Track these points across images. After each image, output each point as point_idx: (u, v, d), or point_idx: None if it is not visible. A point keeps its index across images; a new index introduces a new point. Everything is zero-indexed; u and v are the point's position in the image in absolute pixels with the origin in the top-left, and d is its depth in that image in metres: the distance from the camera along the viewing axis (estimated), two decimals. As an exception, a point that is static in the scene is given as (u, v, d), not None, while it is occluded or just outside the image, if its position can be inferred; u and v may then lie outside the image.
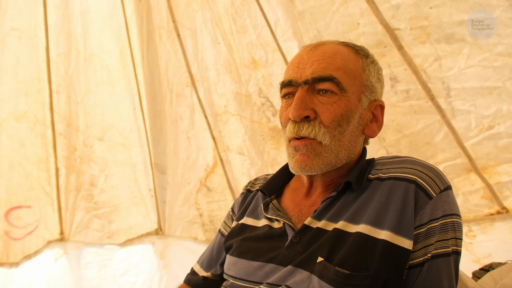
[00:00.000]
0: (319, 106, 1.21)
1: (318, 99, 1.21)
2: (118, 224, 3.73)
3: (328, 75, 1.20)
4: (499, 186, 2.74)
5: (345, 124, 1.21)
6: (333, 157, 1.22)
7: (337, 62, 1.22)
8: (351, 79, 1.23)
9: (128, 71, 3.53)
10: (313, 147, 1.20)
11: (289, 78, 1.26)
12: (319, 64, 1.22)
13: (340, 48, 1.27)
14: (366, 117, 1.28)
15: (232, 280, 1.29)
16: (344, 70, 1.22)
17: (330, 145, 1.20)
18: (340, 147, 1.22)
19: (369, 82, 1.27)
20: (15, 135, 3.50)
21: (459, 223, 1.14)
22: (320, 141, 1.20)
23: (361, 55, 1.29)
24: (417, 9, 2.58)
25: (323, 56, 1.24)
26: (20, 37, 3.36)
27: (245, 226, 1.39)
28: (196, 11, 3.30)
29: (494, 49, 2.47)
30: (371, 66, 1.29)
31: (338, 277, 1.06)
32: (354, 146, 1.26)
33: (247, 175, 3.46)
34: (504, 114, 2.58)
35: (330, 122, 1.20)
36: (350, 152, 1.26)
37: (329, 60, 1.22)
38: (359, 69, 1.26)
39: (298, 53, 1.31)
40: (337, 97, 1.20)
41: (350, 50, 1.28)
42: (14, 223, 3.54)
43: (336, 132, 1.20)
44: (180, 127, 3.57)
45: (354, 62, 1.25)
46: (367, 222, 1.13)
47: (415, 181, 1.15)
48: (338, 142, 1.21)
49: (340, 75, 1.21)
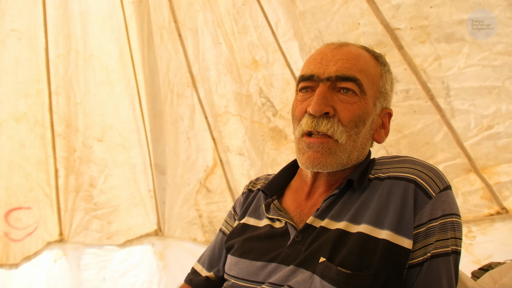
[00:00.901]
0: (339, 104, 1.22)
1: (338, 97, 1.22)
2: (117, 225, 3.73)
3: (352, 76, 1.22)
4: (499, 186, 2.74)
5: (361, 125, 1.23)
6: (345, 157, 1.23)
7: (360, 64, 1.24)
8: (370, 83, 1.25)
9: (127, 72, 3.53)
10: (329, 146, 1.21)
11: (310, 72, 1.26)
12: (343, 63, 1.23)
13: (362, 52, 1.29)
14: (377, 123, 1.31)
15: (234, 280, 1.29)
16: (366, 73, 1.24)
17: (345, 144, 1.21)
18: (354, 148, 1.24)
19: (384, 89, 1.30)
20: (15, 136, 3.50)
21: (458, 222, 1.14)
22: (337, 139, 1.20)
23: (380, 62, 1.32)
24: (417, 9, 2.59)
25: (347, 56, 1.25)
26: (20, 38, 3.36)
27: (246, 226, 1.39)
28: (197, 11, 3.30)
29: (493, 48, 2.48)
30: (387, 74, 1.32)
31: (340, 277, 1.06)
32: (364, 148, 1.29)
33: (247, 176, 3.45)
34: (503, 114, 2.58)
35: (348, 122, 1.21)
36: (360, 154, 1.28)
37: (353, 61, 1.24)
38: (378, 75, 1.28)
39: (321, 49, 1.32)
40: (357, 98, 1.22)
41: (371, 56, 1.31)
42: (13, 224, 3.54)
43: (352, 132, 1.22)
44: (180, 127, 3.57)
45: (374, 68, 1.28)
46: (368, 222, 1.13)
47: (415, 180, 1.15)
48: (353, 142, 1.23)
49: (362, 78, 1.23)
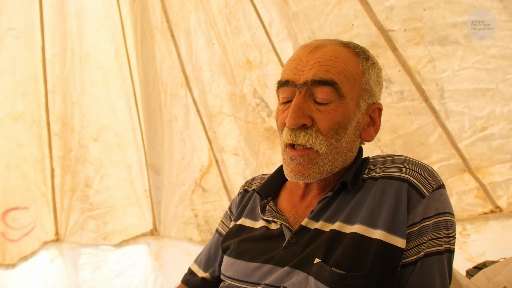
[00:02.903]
0: (317, 113, 1.18)
1: (315, 106, 1.19)
2: (113, 225, 3.72)
3: (330, 79, 1.17)
4: (493, 186, 2.75)
5: (342, 131, 1.19)
6: (329, 165, 1.21)
7: (338, 66, 1.19)
8: (351, 84, 1.20)
9: (123, 71, 3.52)
10: (310, 157, 1.19)
11: (286, 78, 1.23)
12: (320, 67, 1.18)
13: (341, 50, 1.22)
14: (363, 121, 1.26)
15: (230, 281, 1.29)
16: (345, 74, 1.19)
17: (327, 153, 1.19)
18: (337, 155, 1.21)
19: (368, 86, 1.23)
20: (12, 136, 3.49)
21: (452, 221, 1.15)
22: (317, 150, 1.18)
23: (361, 57, 1.24)
24: (411, 11, 2.59)
25: (324, 58, 1.19)
26: (17, 37, 3.35)
27: (242, 227, 1.40)
28: (190, 11, 3.29)
29: (487, 51, 2.48)
30: (371, 69, 1.25)
31: (334, 278, 1.06)
32: (351, 151, 1.25)
33: (242, 176, 3.46)
34: (497, 116, 2.60)
35: (327, 130, 1.18)
36: (346, 157, 1.25)
37: (330, 63, 1.19)
38: (359, 73, 1.22)
39: (296, 54, 1.27)
40: (334, 104, 1.18)
41: (350, 52, 1.24)
42: (10, 224, 3.52)
43: (333, 140, 1.19)
44: (175, 127, 3.56)
45: (355, 66, 1.22)
46: (362, 222, 1.13)
47: (408, 180, 1.15)
48: (335, 150, 1.20)
49: (341, 80, 1.18)
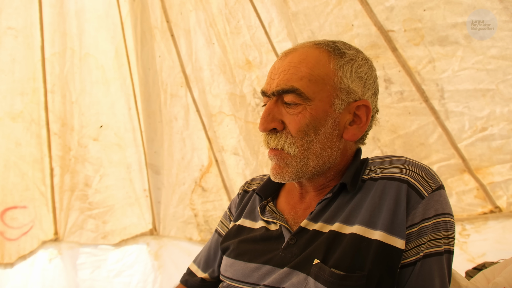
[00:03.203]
0: (287, 117, 1.21)
1: (286, 110, 1.22)
2: (112, 225, 3.72)
3: (290, 87, 1.19)
4: (492, 186, 2.75)
5: (312, 133, 1.20)
6: (302, 166, 1.22)
7: (301, 71, 1.20)
8: (318, 86, 1.20)
9: (123, 71, 3.53)
10: (282, 157, 1.23)
11: (263, 88, 1.28)
12: (284, 76, 1.22)
13: (308, 53, 1.23)
14: (343, 121, 1.23)
15: (229, 281, 1.29)
16: (309, 78, 1.19)
17: (298, 154, 1.21)
18: (310, 155, 1.21)
19: (343, 84, 1.21)
20: (11, 135, 3.48)
21: (451, 222, 1.15)
22: (288, 152, 1.21)
23: (334, 56, 1.23)
24: (411, 11, 2.59)
25: (289, 65, 1.22)
26: (16, 36, 3.35)
27: (242, 228, 1.40)
28: (190, 11, 3.29)
29: (487, 52, 2.48)
30: (346, 66, 1.22)
31: (333, 278, 1.06)
32: (330, 151, 1.23)
33: (242, 175, 3.46)
34: (497, 116, 2.59)
35: (296, 133, 1.20)
36: (326, 157, 1.23)
37: (293, 70, 1.21)
38: (330, 72, 1.21)
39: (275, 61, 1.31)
40: (301, 107, 1.19)
41: (322, 53, 1.23)
42: (9, 223, 3.52)
43: (303, 142, 1.20)
44: (175, 127, 3.57)
45: (324, 66, 1.21)
46: (361, 223, 1.13)
47: (407, 181, 1.15)
48: (307, 151, 1.21)
49: (303, 85, 1.19)
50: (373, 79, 1.28)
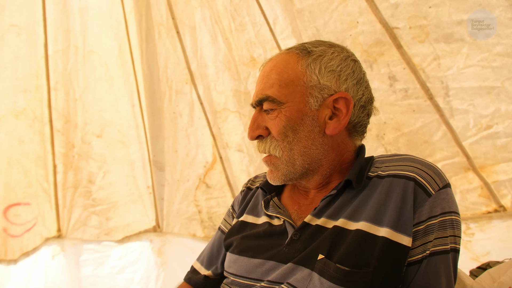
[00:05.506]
0: (268, 122, 1.27)
1: (267, 117, 1.28)
2: (116, 221, 3.73)
3: (264, 96, 1.26)
4: (497, 184, 2.75)
5: (291, 133, 1.23)
6: (290, 166, 1.26)
7: (272, 79, 1.26)
8: (289, 89, 1.24)
9: (127, 68, 3.53)
10: (272, 162, 1.29)
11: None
12: (259, 86, 1.30)
13: (278, 59, 1.29)
14: (322, 116, 1.24)
15: (233, 277, 1.30)
16: (279, 83, 1.24)
17: (283, 156, 1.25)
18: (295, 155, 1.24)
19: (314, 82, 1.23)
20: (14, 132, 3.49)
21: (457, 220, 1.14)
22: (275, 155, 1.27)
23: (302, 56, 1.26)
24: (416, 8, 2.58)
25: (263, 76, 1.30)
26: (19, 34, 3.35)
27: (245, 224, 1.40)
28: (195, 8, 3.30)
29: (493, 49, 2.48)
30: (313, 64, 1.24)
31: (339, 274, 1.06)
32: (315, 148, 1.24)
33: (246, 172, 3.46)
34: (502, 114, 2.59)
35: (277, 135, 1.25)
36: (312, 155, 1.24)
37: (266, 79, 1.28)
38: (299, 73, 1.24)
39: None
40: (277, 112, 1.24)
41: (291, 56, 1.27)
42: (12, 220, 3.53)
43: (285, 143, 1.24)
44: (179, 124, 3.57)
45: (292, 69, 1.25)
46: (367, 219, 1.13)
47: (414, 178, 1.15)
48: (290, 151, 1.24)
49: (274, 91, 1.24)
50: (350, 69, 1.27)
